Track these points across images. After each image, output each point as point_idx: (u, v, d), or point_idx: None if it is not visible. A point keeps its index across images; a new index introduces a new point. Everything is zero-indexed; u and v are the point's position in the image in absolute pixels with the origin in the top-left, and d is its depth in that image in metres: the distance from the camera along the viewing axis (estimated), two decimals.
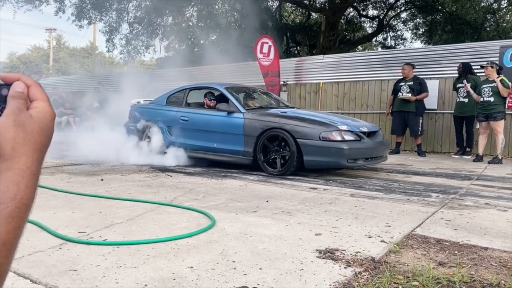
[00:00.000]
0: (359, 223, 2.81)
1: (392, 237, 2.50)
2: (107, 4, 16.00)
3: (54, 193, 3.69)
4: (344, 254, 2.16)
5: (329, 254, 2.15)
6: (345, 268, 1.96)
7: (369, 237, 2.48)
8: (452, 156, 7.46)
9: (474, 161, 6.69)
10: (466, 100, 7.08)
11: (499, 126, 6.52)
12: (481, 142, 6.79)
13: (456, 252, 2.28)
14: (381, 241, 2.41)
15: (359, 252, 2.20)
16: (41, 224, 2.54)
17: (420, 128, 7.46)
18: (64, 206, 3.17)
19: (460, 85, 7.17)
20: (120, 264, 1.95)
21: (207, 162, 5.91)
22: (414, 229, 2.72)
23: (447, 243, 2.42)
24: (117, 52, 18.07)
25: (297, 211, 3.15)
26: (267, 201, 3.52)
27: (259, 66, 9.18)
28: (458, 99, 7.24)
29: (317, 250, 2.21)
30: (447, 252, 2.27)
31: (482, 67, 6.71)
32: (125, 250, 2.15)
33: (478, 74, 7.25)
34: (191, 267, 1.93)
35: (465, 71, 7.12)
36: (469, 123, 7.17)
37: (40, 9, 16.45)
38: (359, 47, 19.46)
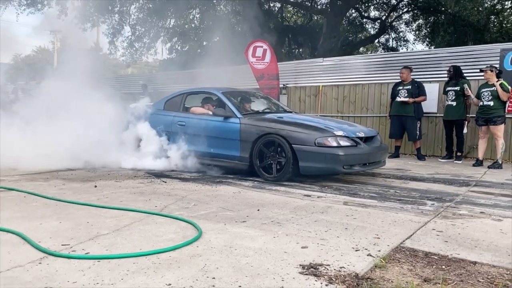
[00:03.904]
0: (348, 235, 2.77)
1: (379, 250, 2.45)
2: (110, 7, 16.04)
3: (45, 201, 3.67)
4: (327, 269, 2.12)
5: (312, 269, 2.11)
6: (326, 285, 1.92)
7: (356, 250, 2.44)
8: (439, 160, 7.39)
9: (473, 165, 6.61)
10: (454, 103, 7.00)
11: (499, 130, 6.44)
12: (481, 146, 6.72)
13: (443, 267, 2.23)
14: (367, 255, 2.36)
15: (344, 267, 2.16)
16: (24, 236, 2.52)
17: (418, 132, 7.40)
18: (52, 216, 3.15)
19: (449, 88, 7.10)
20: (98, 280, 1.92)
21: (203, 167, 5.86)
22: (404, 241, 2.67)
23: (436, 257, 2.37)
24: (119, 54, 17.97)
25: (287, 221, 3.11)
26: (258, 210, 3.48)
27: (252, 70, 9.14)
28: (446, 102, 7.18)
29: (300, 265, 2.17)
30: (434, 267, 2.23)
31: (481, 70, 6.64)
32: (106, 264, 2.13)
33: (477, 78, 7.19)
34: (169, 284, 1.89)
35: (456, 74, 7.05)
36: (459, 127, 7.08)
37: (42, 12, 16.56)
38: (361, 48, 19.39)
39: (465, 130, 7.04)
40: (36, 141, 6.16)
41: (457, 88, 6.98)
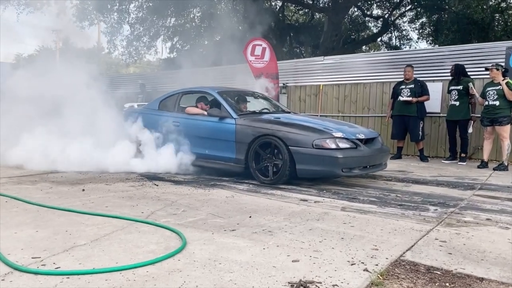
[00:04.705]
0: (343, 246, 2.57)
1: (377, 264, 2.25)
2: (109, 5, 15.85)
3: (26, 207, 3.49)
4: None
5: None
6: None
7: (352, 264, 2.24)
8: (442, 161, 7.17)
9: (478, 167, 6.39)
10: (457, 103, 6.78)
11: (505, 131, 6.20)
12: (486, 147, 6.49)
13: (447, 284, 2.03)
14: (364, 270, 2.16)
15: (337, 285, 1.96)
16: None
17: (421, 133, 7.17)
18: (31, 223, 2.97)
19: (452, 87, 6.89)
20: None
21: (198, 169, 5.67)
22: (404, 253, 2.47)
23: (438, 272, 2.17)
24: (117, 53, 17.79)
25: (279, 230, 2.91)
26: (250, 217, 3.28)
27: (251, 69, 8.93)
28: (450, 102, 6.96)
29: (289, 282, 1.98)
30: (436, 284, 2.03)
31: (487, 69, 6.42)
32: (75, 281, 1.94)
33: (482, 77, 6.98)
34: None
35: (458, 72, 6.83)
36: (462, 128, 6.85)
37: (41, 11, 16.41)
38: (364, 47, 19.14)
39: (470, 130, 6.81)
40: (29, 142, 6.00)
41: (460, 87, 6.76)
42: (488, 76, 6.50)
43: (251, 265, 2.20)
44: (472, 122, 6.81)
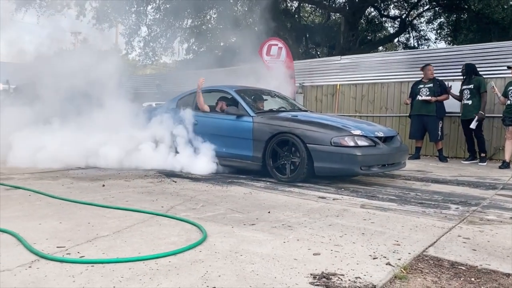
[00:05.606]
0: (365, 241, 2.55)
1: (399, 259, 2.22)
2: (127, 7, 16.05)
3: (49, 200, 3.56)
4: (341, 280, 1.91)
5: (324, 279, 1.90)
6: None
7: (374, 258, 2.22)
8: (462, 162, 7.04)
9: (500, 168, 6.27)
10: (469, 102, 6.67)
11: None
12: (508, 147, 6.36)
13: (472, 279, 1.99)
14: (386, 264, 2.14)
15: (359, 277, 1.95)
16: (19, 237, 2.38)
17: (440, 133, 7.07)
18: (54, 215, 3.02)
19: (464, 87, 6.77)
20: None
21: (216, 167, 5.68)
22: (427, 248, 2.44)
23: (463, 268, 2.14)
24: (135, 54, 18.01)
25: (299, 225, 2.90)
26: (269, 212, 3.28)
27: (267, 69, 8.91)
28: (463, 102, 6.84)
29: (311, 274, 1.97)
30: (462, 279, 1.99)
31: (509, 67, 6.30)
32: (99, 270, 1.96)
33: (504, 76, 6.85)
34: None
35: (469, 72, 6.72)
36: (476, 127, 6.71)
37: (62, 13, 16.71)
38: (381, 47, 18.97)
39: (472, 126, 6.59)
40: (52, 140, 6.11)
41: (471, 86, 6.67)
42: (510, 75, 6.38)
43: (272, 257, 2.20)
44: (476, 117, 6.60)
